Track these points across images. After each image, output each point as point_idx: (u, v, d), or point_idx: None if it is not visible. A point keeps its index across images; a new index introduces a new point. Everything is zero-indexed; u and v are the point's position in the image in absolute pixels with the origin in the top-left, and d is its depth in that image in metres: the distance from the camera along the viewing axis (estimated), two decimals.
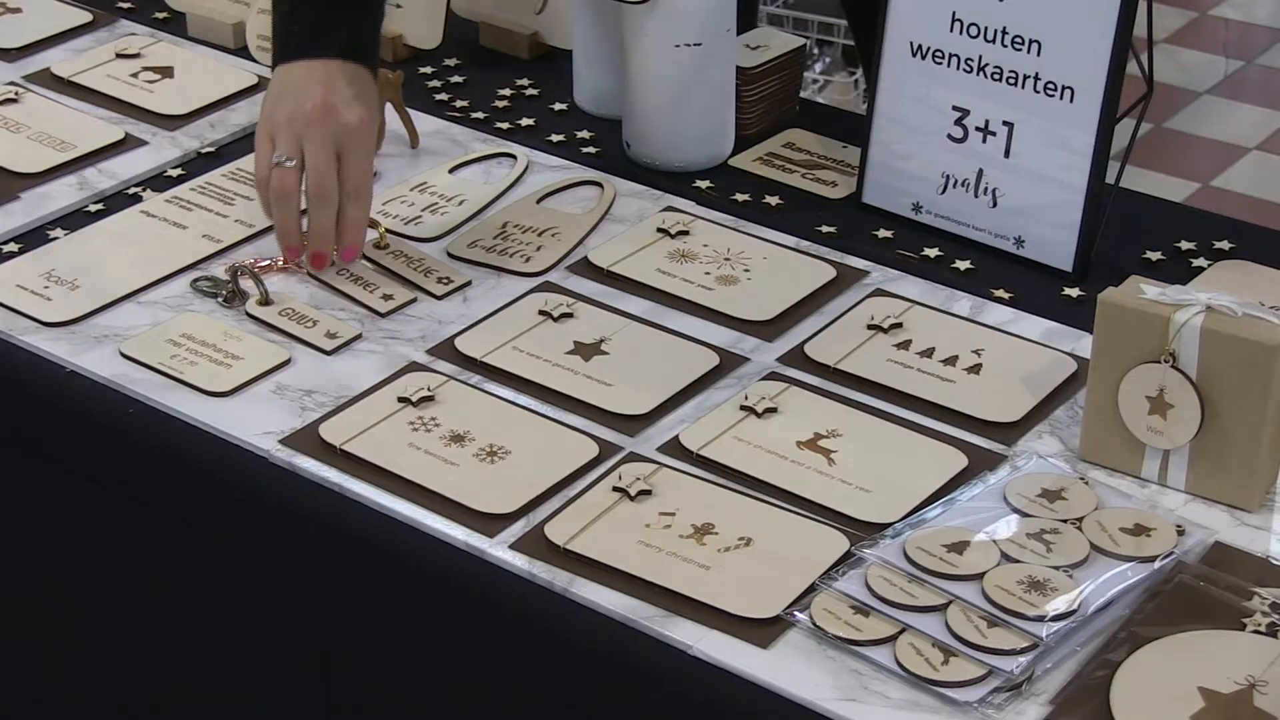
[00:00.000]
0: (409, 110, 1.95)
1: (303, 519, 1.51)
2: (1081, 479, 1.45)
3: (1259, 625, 1.30)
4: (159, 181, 1.91)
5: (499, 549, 1.42)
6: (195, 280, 1.74)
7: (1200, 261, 1.74)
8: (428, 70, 2.10)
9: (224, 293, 1.71)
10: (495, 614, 1.42)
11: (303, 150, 1.68)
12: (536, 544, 1.42)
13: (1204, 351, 1.40)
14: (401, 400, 1.57)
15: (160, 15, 2.22)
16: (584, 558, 1.40)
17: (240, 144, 1.97)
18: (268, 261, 1.74)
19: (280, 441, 1.54)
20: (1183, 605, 1.32)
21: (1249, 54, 4.14)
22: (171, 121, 2.00)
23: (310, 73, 1.72)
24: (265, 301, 1.70)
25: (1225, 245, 1.76)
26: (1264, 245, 1.76)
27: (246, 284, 1.71)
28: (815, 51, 3.76)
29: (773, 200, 1.85)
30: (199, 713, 1.72)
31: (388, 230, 1.78)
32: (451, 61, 2.12)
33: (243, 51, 2.13)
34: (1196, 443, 1.43)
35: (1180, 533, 1.39)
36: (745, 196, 1.85)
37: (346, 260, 1.72)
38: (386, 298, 1.69)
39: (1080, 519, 1.40)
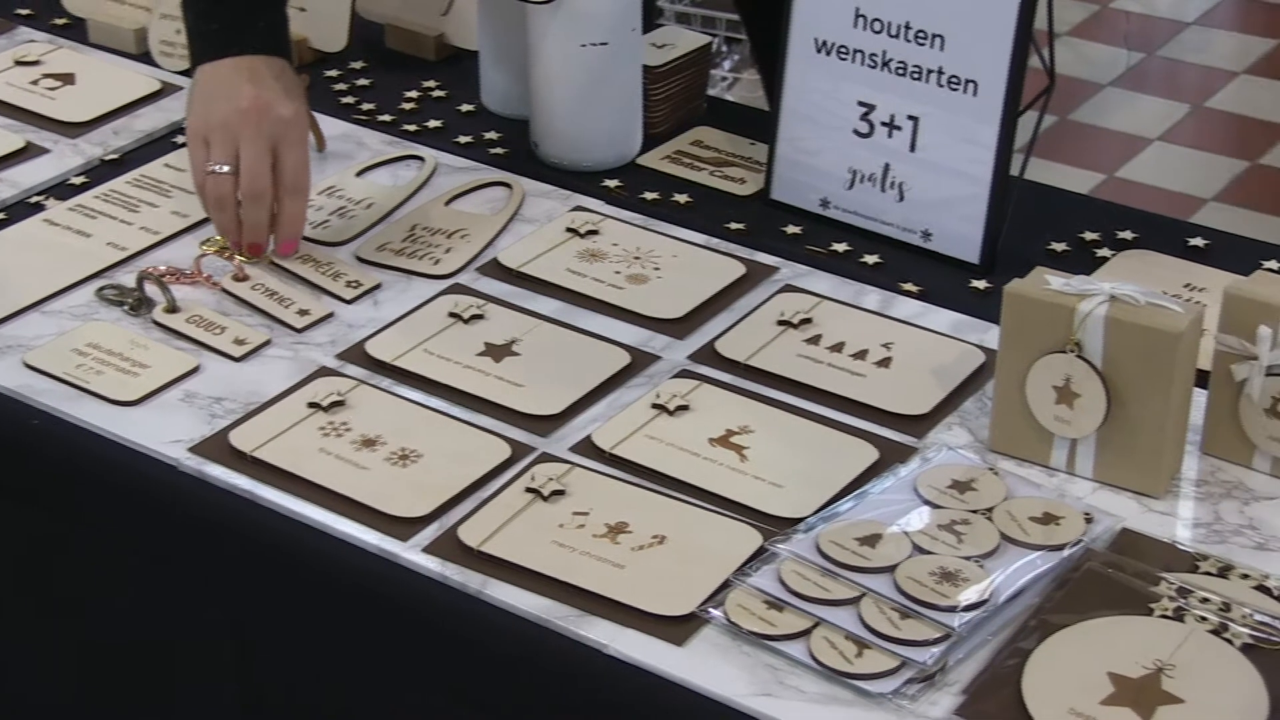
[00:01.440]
0: (315, 114, 1.94)
1: (214, 527, 1.50)
2: (991, 469, 1.46)
3: (1166, 610, 1.32)
4: (62, 190, 1.89)
5: (412, 553, 1.42)
6: (101, 289, 1.73)
7: (1104, 252, 1.75)
8: (333, 73, 2.09)
9: (130, 301, 1.70)
10: (409, 618, 1.42)
11: (238, 150, 1.67)
12: (450, 547, 1.41)
13: (1108, 341, 1.41)
14: (312, 405, 1.56)
15: (60, 21, 2.19)
16: (498, 559, 1.40)
17: (145, 150, 1.95)
18: (187, 268, 1.73)
19: (190, 450, 1.52)
20: (1092, 592, 1.34)
21: (1151, 46, 4.19)
22: (74, 129, 1.98)
23: (236, 71, 1.71)
24: (172, 309, 1.68)
25: (1128, 235, 1.78)
26: (1166, 234, 1.78)
27: (153, 291, 1.70)
28: (724, 49, 3.77)
29: (682, 198, 1.85)
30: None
31: None
32: (357, 64, 2.11)
33: (145, 57, 2.11)
34: (1103, 431, 1.44)
35: (1088, 521, 1.41)
36: (654, 195, 1.86)
37: (284, 254, 1.72)
38: (302, 313, 1.68)
39: (990, 509, 1.41)
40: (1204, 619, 1.31)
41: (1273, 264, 1.71)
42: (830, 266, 1.74)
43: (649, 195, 1.86)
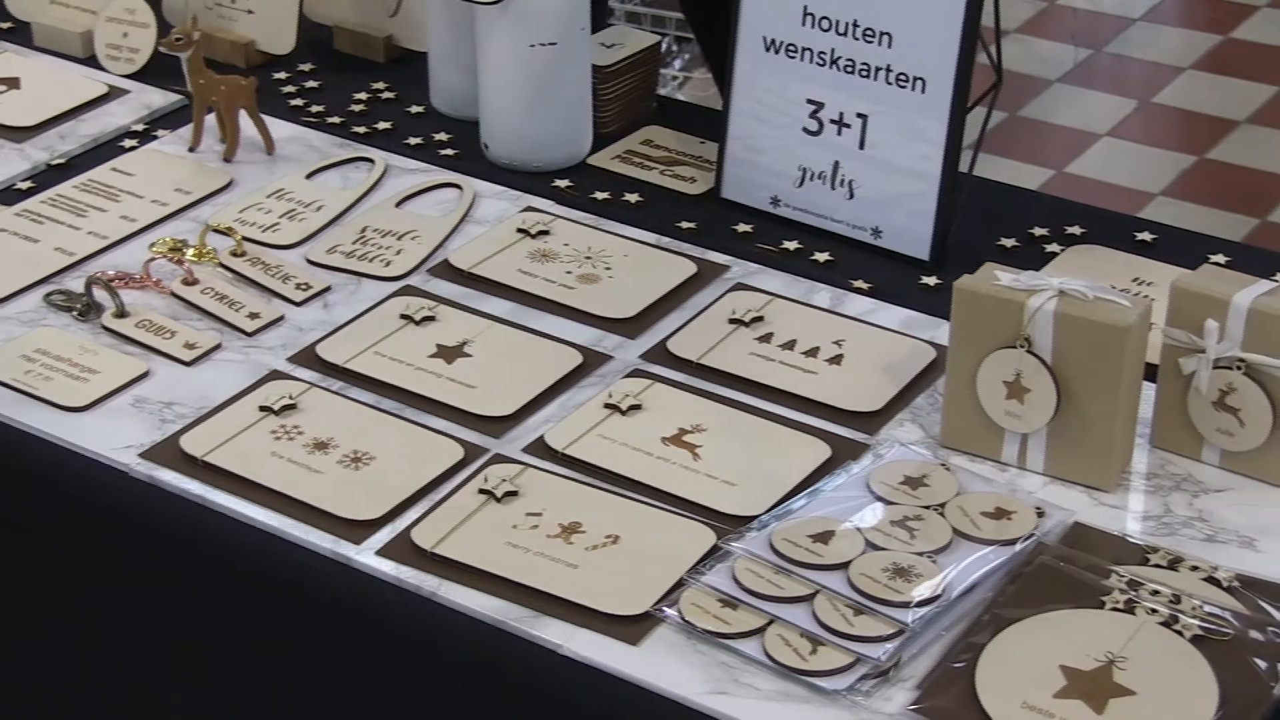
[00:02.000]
0: (263, 117, 1.93)
1: (166, 533, 1.49)
2: (943, 465, 1.47)
3: (1117, 603, 1.33)
4: (8, 194, 1.87)
5: (365, 555, 1.41)
6: (49, 294, 1.71)
7: (1053, 247, 1.76)
8: (282, 76, 2.08)
9: (79, 306, 1.69)
10: (364, 620, 1.41)
11: None
12: (403, 549, 1.41)
13: (1058, 335, 1.42)
14: (263, 409, 1.55)
15: (4, 25, 2.18)
16: (452, 561, 1.40)
17: (92, 155, 1.94)
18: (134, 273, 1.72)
19: (140, 455, 1.52)
20: (1044, 586, 1.35)
21: (1098, 42, 4.21)
22: (19, 133, 1.97)
23: None
24: (121, 314, 1.67)
25: (1077, 230, 1.79)
26: (1114, 229, 1.79)
27: (102, 296, 1.69)
28: (674, 48, 3.77)
29: (632, 198, 1.85)
30: None
31: (245, 238, 1.77)
32: (306, 66, 2.10)
33: (91, 61, 2.10)
34: (1053, 426, 1.45)
35: (1040, 515, 1.41)
36: (605, 195, 1.86)
37: None
38: (253, 316, 1.67)
39: (942, 505, 1.42)
40: (1154, 611, 1.32)
41: (1219, 258, 1.72)
42: (781, 264, 1.74)
43: (600, 195, 1.86)
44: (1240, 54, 4.16)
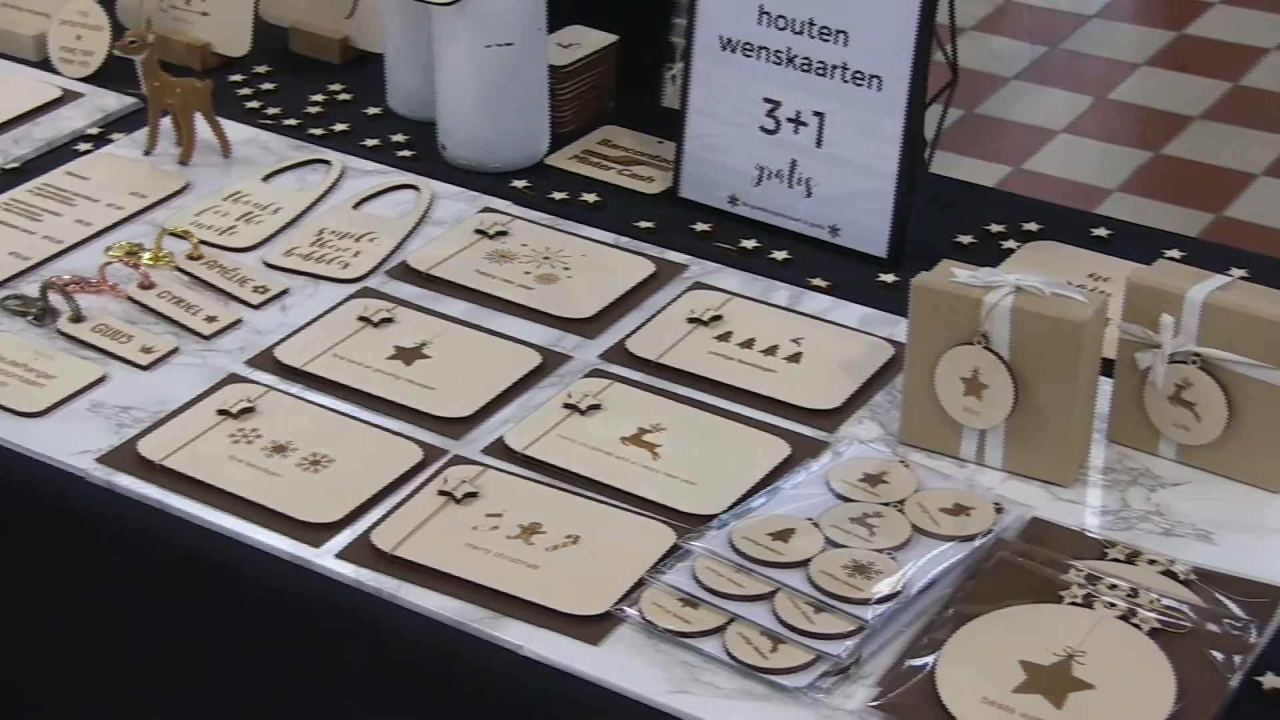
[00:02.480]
0: (219, 119, 1.93)
1: (124, 538, 1.49)
2: (902, 462, 1.47)
3: (1076, 597, 1.33)
4: None
5: (325, 558, 1.41)
6: (3, 299, 1.70)
7: (1010, 243, 1.77)
8: (237, 78, 2.07)
9: (34, 311, 1.68)
10: (324, 623, 1.41)
11: None
12: (363, 552, 1.41)
13: (1015, 331, 1.43)
14: (221, 413, 1.55)
15: None
16: (411, 563, 1.39)
17: (46, 159, 1.93)
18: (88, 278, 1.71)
19: (97, 460, 1.51)
20: (1003, 581, 1.35)
21: (1053, 39, 4.23)
22: None
23: None
24: (77, 318, 1.66)
25: (1033, 226, 1.79)
26: (1071, 225, 1.80)
27: (57, 301, 1.68)
28: None
29: (590, 197, 1.85)
30: None
31: (201, 241, 1.76)
32: (261, 68, 2.09)
33: (45, 64, 2.09)
34: (1011, 422, 1.45)
35: (999, 510, 1.42)
36: (563, 195, 1.86)
37: None
38: (210, 320, 1.66)
39: (901, 501, 1.42)
40: (1113, 605, 1.32)
41: (1175, 253, 1.73)
42: (739, 263, 1.75)
43: (557, 195, 1.86)
44: (1195, 50, 4.18)
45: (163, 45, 1.98)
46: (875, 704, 1.26)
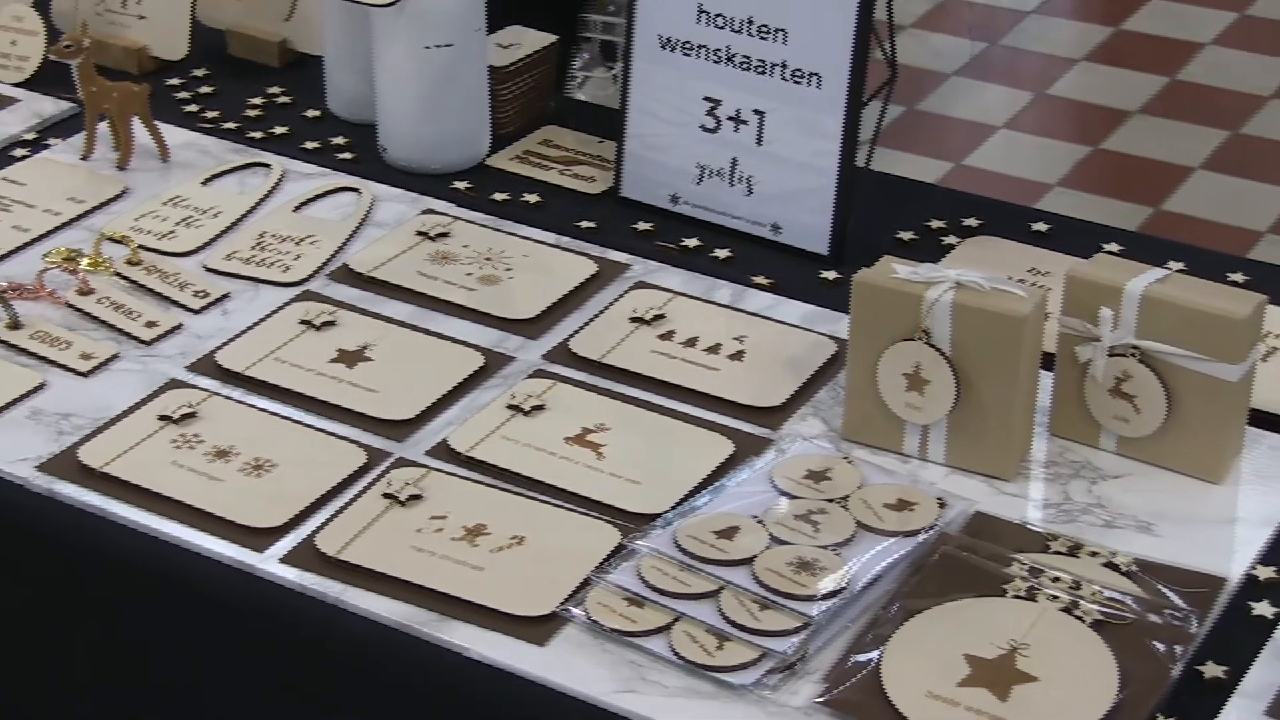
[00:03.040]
0: (158, 123, 1.92)
1: (67, 546, 1.48)
2: (845, 458, 1.48)
3: (1019, 590, 1.34)
4: None
5: (269, 563, 1.40)
6: None
7: (951, 239, 1.78)
8: (175, 82, 2.06)
9: None
10: (269, 629, 1.40)
11: None
12: (307, 556, 1.40)
13: (956, 326, 1.43)
14: (163, 419, 1.54)
15: None
16: (356, 566, 1.39)
17: None
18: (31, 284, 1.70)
19: (38, 468, 1.50)
20: (947, 576, 1.36)
21: (993, 36, 4.25)
22: None
23: None
24: (15, 325, 1.65)
25: (974, 222, 1.80)
26: (1010, 220, 1.81)
27: None
28: (573, 48, 3.76)
29: (531, 198, 1.85)
30: None
31: (140, 246, 1.75)
32: (200, 72, 2.08)
33: None
34: (953, 417, 1.46)
35: (942, 505, 1.42)
36: (504, 195, 1.85)
37: None
38: (150, 325, 1.65)
39: (845, 497, 1.43)
40: (1055, 598, 1.33)
41: (1113, 247, 1.74)
42: (681, 262, 1.75)
43: (499, 196, 1.85)
44: (1132, 45, 4.21)
45: (99, 49, 1.96)
46: (821, 700, 1.27)
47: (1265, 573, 1.37)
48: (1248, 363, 1.44)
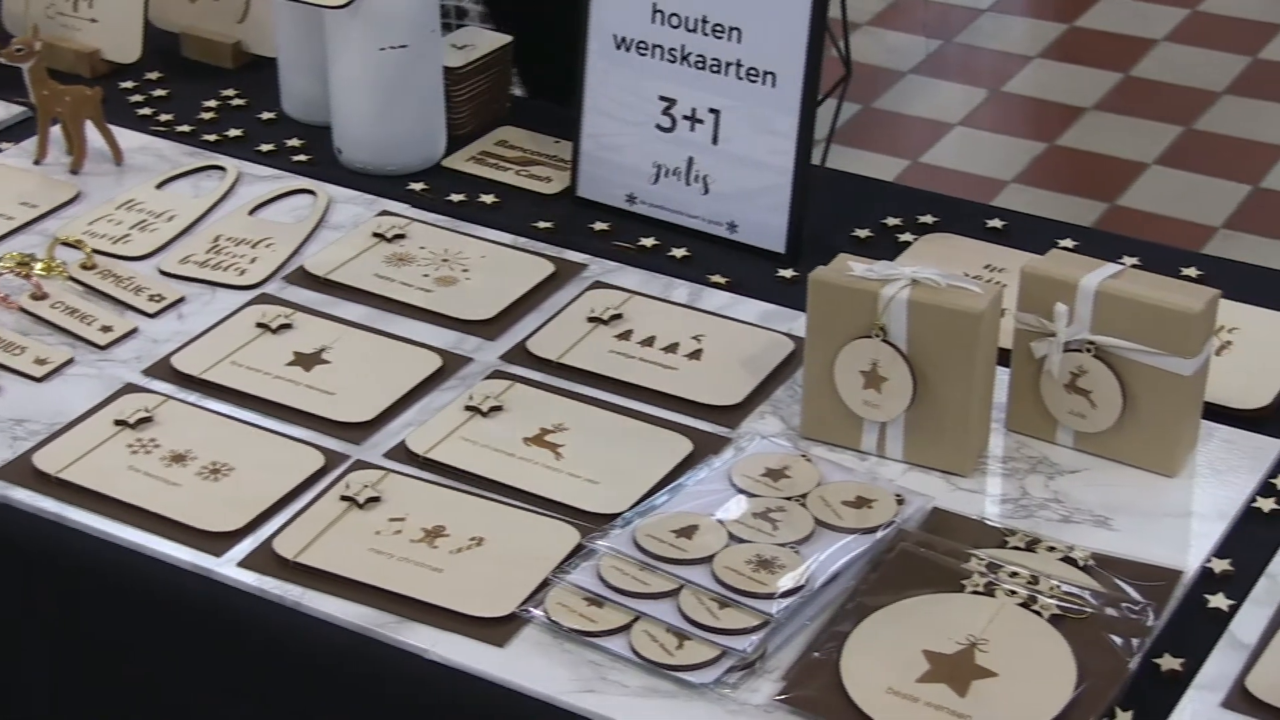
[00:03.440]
0: (111, 126, 1.91)
1: (22, 552, 1.47)
2: (804, 456, 1.48)
3: (977, 585, 1.34)
4: None
5: (227, 567, 1.40)
6: None
7: (906, 236, 1.78)
8: (129, 85, 2.05)
9: None
10: (228, 633, 1.40)
11: None
12: (265, 559, 1.40)
13: (912, 324, 1.44)
14: (118, 423, 1.53)
15: None
16: (315, 570, 1.38)
17: None
18: None
19: None
20: (905, 572, 1.36)
21: (948, 33, 4.27)
22: None
23: None
24: None
25: (929, 219, 1.81)
26: (966, 217, 1.82)
27: None
28: None
29: (488, 199, 1.85)
30: None
31: (95, 250, 1.74)
32: (153, 75, 2.07)
33: None
34: (911, 413, 1.47)
35: (900, 502, 1.43)
36: (460, 196, 1.85)
37: None
38: (105, 329, 1.65)
39: (804, 495, 1.43)
40: (1013, 593, 1.34)
41: (1068, 242, 1.75)
42: (638, 261, 1.75)
43: (455, 197, 1.85)
44: (1086, 42, 4.23)
45: (50, 53, 1.95)
46: (781, 698, 1.27)
47: (1221, 565, 1.38)
48: (1201, 357, 1.44)
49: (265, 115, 2.00)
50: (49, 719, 1.54)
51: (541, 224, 1.81)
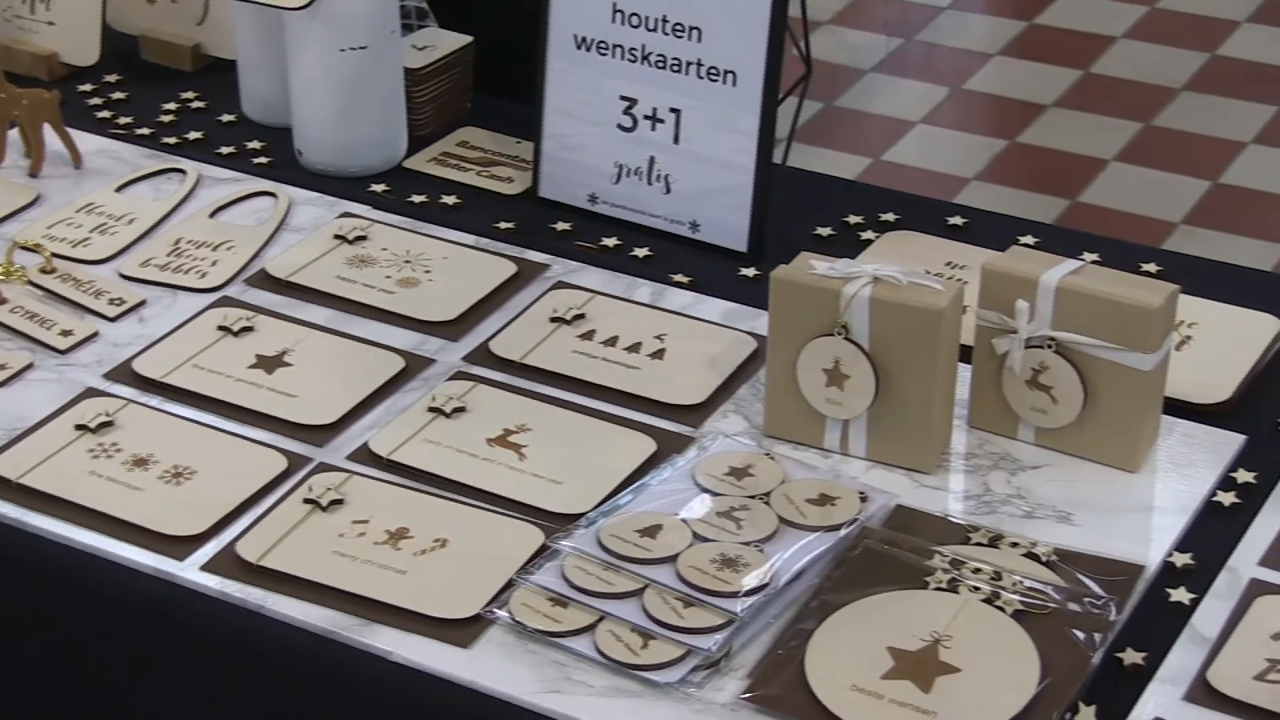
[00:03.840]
0: (70, 129, 1.90)
1: None
2: (767, 454, 1.48)
3: (940, 582, 1.35)
4: None
5: (190, 571, 1.39)
6: None
7: (868, 234, 1.79)
8: (87, 88, 2.04)
9: None
10: (191, 637, 1.39)
11: None
12: (228, 563, 1.39)
13: (874, 321, 1.44)
14: (79, 428, 1.52)
15: None
16: (278, 573, 1.38)
17: None
18: None
19: None
20: (869, 569, 1.36)
21: (909, 31, 4.28)
22: None
23: None
24: None
25: (891, 217, 1.81)
26: (927, 215, 1.82)
27: None
28: None
29: (450, 200, 1.85)
30: None
31: (54, 254, 1.73)
32: (112, 78, 2.06)
33: None
34: (873, 411, 1.47)
35: (863, 499, 1.43)
36: (422, 197, 1.85)
37: None
38: (65, 334, 1.64)
39: (768, 494, 1.43)
40: (977, 589, 1.34)
41: (1029, 239, 1.75)
42: (601, 261, 1.75)
43: (417, 198, 1.85)
44: (1045, 39, 4.25)
45: (7, 56, 1.94)
46: (746, 696, 1.27)
47: (1182, 559, 1.39)
48: (1161, 352, 1.45)
49: (225, 118, 1.99)
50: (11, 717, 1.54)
51: (503, 224, 1.81)
